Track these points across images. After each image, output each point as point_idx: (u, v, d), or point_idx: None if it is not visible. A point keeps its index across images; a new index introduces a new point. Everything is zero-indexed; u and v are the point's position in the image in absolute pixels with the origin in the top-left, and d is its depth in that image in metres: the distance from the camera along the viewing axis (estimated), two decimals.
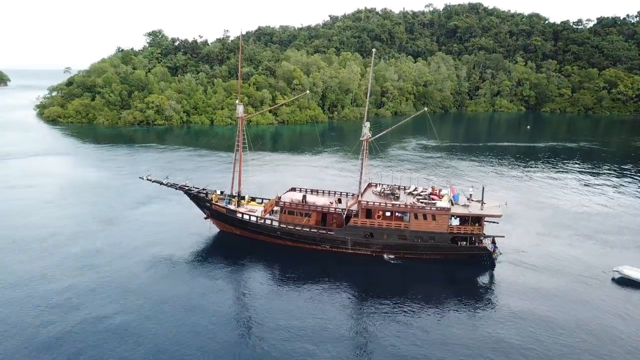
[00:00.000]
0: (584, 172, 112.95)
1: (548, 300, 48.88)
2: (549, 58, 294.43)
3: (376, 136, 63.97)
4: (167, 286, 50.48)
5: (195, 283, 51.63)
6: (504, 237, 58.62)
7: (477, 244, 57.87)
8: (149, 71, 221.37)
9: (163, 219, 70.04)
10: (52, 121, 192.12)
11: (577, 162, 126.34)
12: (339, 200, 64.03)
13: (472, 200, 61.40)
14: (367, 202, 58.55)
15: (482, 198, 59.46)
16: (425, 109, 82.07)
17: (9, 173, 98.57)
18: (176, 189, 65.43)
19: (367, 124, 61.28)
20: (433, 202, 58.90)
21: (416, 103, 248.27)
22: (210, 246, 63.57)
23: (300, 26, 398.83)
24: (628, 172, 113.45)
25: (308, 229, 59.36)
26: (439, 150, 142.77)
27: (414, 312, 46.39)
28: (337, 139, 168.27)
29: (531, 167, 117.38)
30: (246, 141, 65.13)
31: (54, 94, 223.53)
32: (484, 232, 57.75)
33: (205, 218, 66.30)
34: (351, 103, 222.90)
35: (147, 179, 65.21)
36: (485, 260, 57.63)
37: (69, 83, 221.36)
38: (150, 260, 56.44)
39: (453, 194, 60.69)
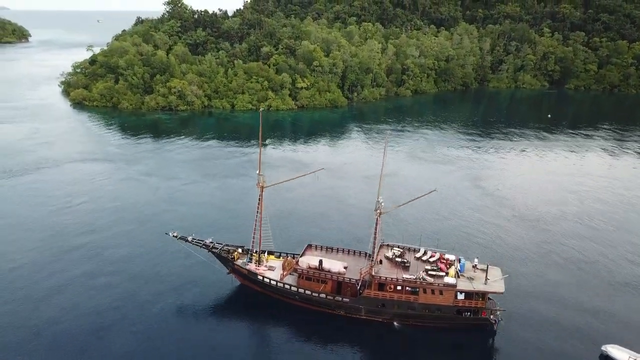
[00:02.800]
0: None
1: None
2: (577, 28, 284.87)
3: (389, 209, 67.65)
4: (184, 340, 58.55)
5: (212, 336, 59.48)
6: (504, 310, 63.16)
7: (480, 315, 62.63)
8: (170, 49, 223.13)
9: (188, 261, 75.11)
10: (78, 104, 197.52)
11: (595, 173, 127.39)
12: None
13: (477, 269, 65.57)
14: (380, 276, 63.23)
15: (487, 274, 63.50)
16: (435, 189, 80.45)
17: (48, 190, 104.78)
18: (200, 246, 70.56)
19: (381, 199, 64.63)
20: (441, 274, 63.29)
21: (437, 80, 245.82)
22: (231, 300, 69.89)
23: None
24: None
25: (324, 296, 64.64)
26: (452, 142, 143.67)
27: None
28: (358, 129, 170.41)
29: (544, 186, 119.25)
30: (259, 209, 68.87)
31: (78, 71, 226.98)
32: (487, 304, 62.41)
33: (228, 273, 71.80)
34: (371, 83, 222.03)
35: (173, 236, 70.30)
36: (488, 328, 62.65)
37: (92, 61, 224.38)
38: (171, 310, 64.34)
39: (460, 264, 65.02)
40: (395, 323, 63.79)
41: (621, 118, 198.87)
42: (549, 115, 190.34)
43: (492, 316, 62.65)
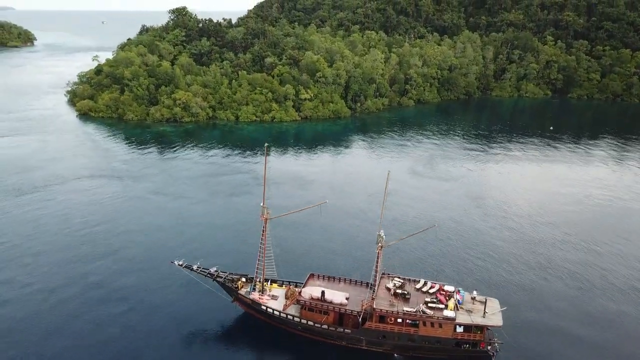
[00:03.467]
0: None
1: None
2: (580, 36, 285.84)
3: (390, 243, 69.18)
4: None
5: None
6: (502, 343, 64.68)
7: (479, 347, 64.19)
8: (175, 58, 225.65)
9: (194, 289, 76.68)
10: (84, 115, 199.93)
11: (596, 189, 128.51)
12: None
13: (475, 301, 67.12)
14: (381, 309, 64.83)
15: (485, 307, 65.00)
16: (435, 225, 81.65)
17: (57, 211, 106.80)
18: (205, 275, 72.30)
19: (382, 232, 66.22)
20: (440, 307, 64.85)
21: (440, 89, 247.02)
22: (235, 328, 71.76)
23: None
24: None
25: (326, 327, 66.33)
26: (453, 156, 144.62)
27: None
28: (361, 141, 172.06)
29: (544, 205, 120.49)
30: (270, 242, 70.55)
31: (84, 80, 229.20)
32: (485, 336, 63.95)
33: (232, 301, 73.51)
34: (374, 93, 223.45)
35: (179, 265, 72.00)
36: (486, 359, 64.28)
37: (98, 71, 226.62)
38: (177, 337, 66.38)
39: (459, 295, 66.61)
40: (395, 354, 65.44)
41: (624, 127, 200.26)
42: (551, 128, 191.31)
43: (490, 347, 64.19)
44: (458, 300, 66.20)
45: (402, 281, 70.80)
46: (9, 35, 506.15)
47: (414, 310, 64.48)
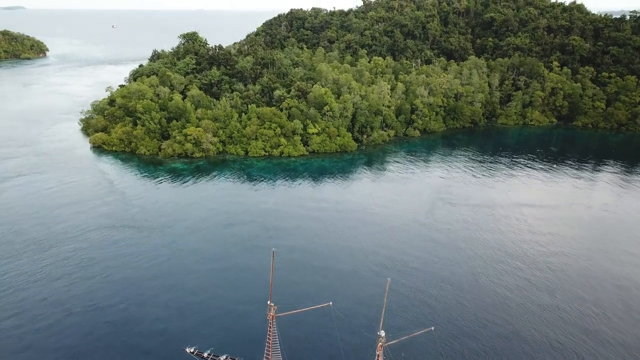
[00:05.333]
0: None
1: None
2: (586, 61, 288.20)
3: (390, 343, 73.64)
4: None
5: None
6: None
7: None
8: (186, 88, 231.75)
9: None
10: (98, 148, 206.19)
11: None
12: None
13: None
14: None
15: None
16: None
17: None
18: None
19: (383, 333, 70.96)
20: None
21: (446, 118, 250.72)
22: None
23: (332, 9, 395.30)
24: None
25: None
26: (456, 200, 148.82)
27: None
28: (366, 178, 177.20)
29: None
30: (278, 342, 75.32)
31: (97, 109, 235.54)
32: None
33: None
34: (380, 125, 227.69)
35: (190, 352, 77.27)
36: None
37: (111, 102, 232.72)
38: None
39: None
40: None
41: (630, 159, 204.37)
42: (554, 166, 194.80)
43: None
44: None
45: None
46: (22, 47, 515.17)
47: None
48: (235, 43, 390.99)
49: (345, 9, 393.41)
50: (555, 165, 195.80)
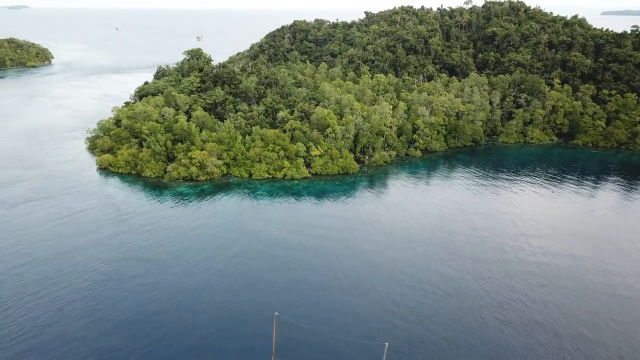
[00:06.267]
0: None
1: None
2: (587, 78, 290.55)
3: None
4: None
5: None
6: None
7: None
8: (190, 108, 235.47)
9: None
10: (104, 169, 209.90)
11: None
12: None
13: None
14: None
15: None
16: None
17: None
18: None
19: None
20: None
21: (447, 137, 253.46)
22: None
23: (335, 21, 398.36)
24: None
25: None
26: (457, 230, 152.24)
27: None
28: (368, 203, 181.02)
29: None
30: None
31: (103, 129, 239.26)
32: None
33: None
34: (382, 145, 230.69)
35: None
36: None
37: (117, 122, 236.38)
38: None
39: None
40: None
41: (629, 180, 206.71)
42: (552, 191, 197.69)
43: None
44: None
45: None
46: (27, 55, 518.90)
47: None
48: (238, 53, 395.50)
49: (349, 21, 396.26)
50: (554, 189, 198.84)
